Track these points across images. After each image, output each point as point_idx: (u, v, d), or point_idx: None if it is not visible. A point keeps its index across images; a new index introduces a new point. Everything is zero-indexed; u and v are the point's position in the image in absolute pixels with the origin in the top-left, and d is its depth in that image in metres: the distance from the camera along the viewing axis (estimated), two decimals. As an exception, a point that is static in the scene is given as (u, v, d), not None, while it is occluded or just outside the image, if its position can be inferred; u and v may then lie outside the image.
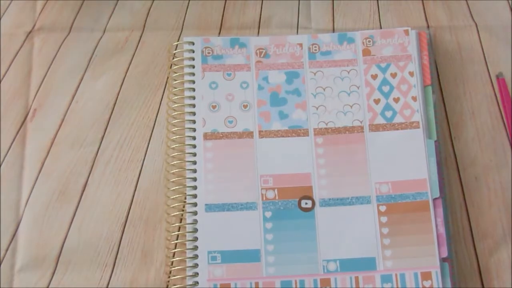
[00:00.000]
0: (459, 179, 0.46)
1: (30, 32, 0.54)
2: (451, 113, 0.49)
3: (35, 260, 0.44)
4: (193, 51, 0.50)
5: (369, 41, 0.49)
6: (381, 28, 0.53)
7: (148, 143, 0.48)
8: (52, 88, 0.51)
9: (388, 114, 0.47)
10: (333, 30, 0.53)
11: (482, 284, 0.42)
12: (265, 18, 0.54)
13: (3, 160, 0.48)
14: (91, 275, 0.43)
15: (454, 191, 0.46)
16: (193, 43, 0.50)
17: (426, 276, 0.42)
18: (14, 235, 0.45)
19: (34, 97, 0.51)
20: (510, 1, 0.55)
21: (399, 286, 0.42)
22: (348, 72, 0.48)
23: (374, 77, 0.48)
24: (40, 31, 0.54)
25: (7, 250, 0.44)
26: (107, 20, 0.55)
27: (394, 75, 0.48)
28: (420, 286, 0.41)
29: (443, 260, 0.42)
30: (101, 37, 0.54)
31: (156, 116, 0.49)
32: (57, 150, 0.48)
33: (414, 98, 0.47)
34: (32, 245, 0.44)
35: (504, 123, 0.48)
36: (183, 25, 0.54)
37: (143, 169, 0.47)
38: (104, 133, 0.49)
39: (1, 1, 0.56)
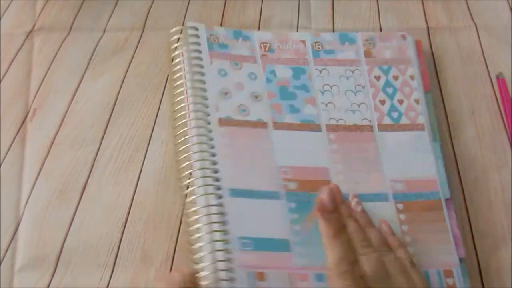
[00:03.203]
0: (459, 179, 0.46)
1: (30, 32, 0.54)
2: (451, 113, 0.49)
3: (35, 260, 0.44)
4: (198, 36, 0.49)
5: (370, 43, 0.49)
6: (381, 28, 0.53)
7: (148, 143, 0.48)
8: (52, 88, 0.51)
9: (395, 115, 0.46)
10: (333, 30, 0.53)
11: (482, 284, 0.42)
12: (265, 18, 0.54)
13: (3, 160, 0.48)
14: (91, 275, 0.43)
15: (454, 191, 0.46)
16: (197, 29, 0.49)
17: (448, 274, 0.41)
18: (14, 235, 0.45)
19: (34, 97, 0.51)
20: (510, 1, 0.55)
21: None
22: (352, 72, 0.48)
23: (378, 78, 0.48)
24: (40, 31, 0.54)
25: (7, 250, 0.44)
26: (107, 20, 0.55)
27: (396, 78, 0.48)
28: (444, 283, 0.41)
29: (460, 260, 0.42)
30: (101, 37, 0.54)
31: (156, 116, 0.49)
32: (57, 150, 0.48)
33: (417, 101, 0.47)
34: (32, 245, 0.44)
35: (504, 123, 0.48)
36: (183, 25, 0.54)
37: (143, 169, 0.47)
38: (104, 133, 0.49)
39: (1, 1, 0.56)
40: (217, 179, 0.43)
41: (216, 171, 0.43)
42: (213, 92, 0.46)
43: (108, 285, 0.43)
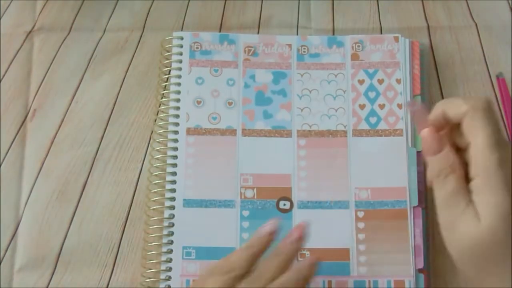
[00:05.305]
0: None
1: (30, 32, 0.54)
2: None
3: (35, 260, 0.44)
4: (182, 46, 0.49)
5: (359, 46, 0.49)
6: (381, 28, 0.53)
7: (148, 143, 0.48)
8: (52, 88, 0.51)
9: (373, 120, 0.46)
10: (333, 30, 0.53)
11: (482, 284, 0.42)
12: (265, 18, 0.54)
13: (3, 160, 0.48)
14: (91, 275, 0.43)
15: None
16: (182, 38, 0.50)
17: (399, 284, 0.41)
18: (14, 235, 0.45)
19: (34, 97, 0.51)
20: (510, 1, 0.55)
21: None
22: (335, 76, 0.48)
23: (361, 82, 0.48)
24: (40, 31, 0.54)
25: (7, 250, 0.44)
26: (107, 20, 0.55)
27: (381, 81, 0.48)
28: None
29: (419, 271, 0.42)
30: (101, 37, 0.54)
31: (156, 117, 0.49)
32: (57, 150, 0.48)
33: (400, 106, 0.46)
34: (32, 245, 0.44)
35: (504, 123, 0.48)
36: (183, 25, 0.54)
37: (143, 169, 0.47)
38: (104, 133, 0.49)
39: (1, 1, 0.56)
40: (173, 190, 0.44)
41: (174, 182, 0.45)
42: (187, 101, 0.47)
43: (108, 285, 0.43)
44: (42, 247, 0.44)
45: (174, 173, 0.45)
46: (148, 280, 0.42)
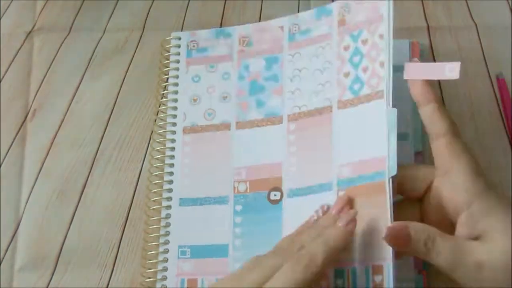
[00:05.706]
0: (459, 179, 0.46)
1: (30, 32, 0.54)
2: (451, 113, 0.49)
3: (35, 260, 0.44)
4: (179, 46, 0.49)
5: (345, 10, 0.46)
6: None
7: (148, 143, 0.48)
8: (52, 88, 0.51)
9: (356, 87, 0.43)
10: (333, 30, 0.53)
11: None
12: (265, 18, 0.54)
13: (3, 160, 0.48)
14: (91, 275, 0.43)
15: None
16: (179, 38, 0.50)
17: (377, 270, 0.36)
18: (14, 235, 0.45)
19: (34, 97, 0.51)
20: (510, 1, 0.55)
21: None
22: (323, 48, 0.46)
23: (346, 48, 0.45)
24: (40, 31, 0.54)
25: (7, 250, 0.44)
26: (107, 20, 0.55)
27: (365, 42, 0.44)
28: (371, 281, 0.36)
29: (418, 271, 0.41)
30: (101, 37, 0.54)
31: (156, 117, 0.49)
32: (57, 150, 0.48)
33: (382, 64, 0.42)
34: (32, 245, 0.44)
35: (504, 123, 0.48)
36: (183, 25, 0.54)
37: (143, 169, 0.47)
38: (104, 133, 0.49)
39: (1, 1, 0.56)
40: (170, 190, 0.44)
41: (171, 182, 0.44)
42: (184, 100, 0.47)
43: (108, 285, 0.43)
44: (42, 247, 0.44)
45: (172, 173, 0.45)
46: (148, 280, 0.42)
